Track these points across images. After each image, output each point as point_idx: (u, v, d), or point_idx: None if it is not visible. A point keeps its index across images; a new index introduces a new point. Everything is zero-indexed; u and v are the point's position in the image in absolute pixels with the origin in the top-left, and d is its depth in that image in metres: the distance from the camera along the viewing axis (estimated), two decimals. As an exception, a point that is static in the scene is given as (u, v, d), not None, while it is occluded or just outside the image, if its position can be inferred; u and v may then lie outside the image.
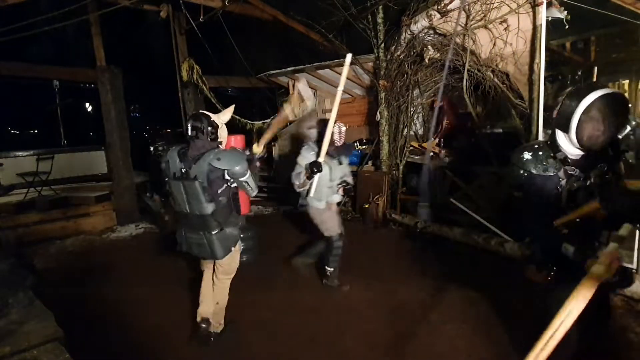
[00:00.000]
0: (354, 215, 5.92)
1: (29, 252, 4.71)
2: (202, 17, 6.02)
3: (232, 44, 6.18)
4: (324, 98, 7.45)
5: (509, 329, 2.69)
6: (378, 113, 5.48)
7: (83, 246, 5.16)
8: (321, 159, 2.98)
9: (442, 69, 4.92)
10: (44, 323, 2.33)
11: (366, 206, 5.44)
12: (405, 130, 5.40)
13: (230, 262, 2.62)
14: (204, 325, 2.67)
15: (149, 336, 2.88)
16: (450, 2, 4.21)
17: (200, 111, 2.53)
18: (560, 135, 1.56)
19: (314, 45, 6.85)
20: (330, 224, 3.41)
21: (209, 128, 2.38)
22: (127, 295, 3.58)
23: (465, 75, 4.30)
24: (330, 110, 7.76)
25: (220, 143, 2.51)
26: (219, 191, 2.40)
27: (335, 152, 3.39)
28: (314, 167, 2.95)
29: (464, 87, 4.35)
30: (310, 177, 3.09)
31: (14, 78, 7.18)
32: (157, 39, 8.99)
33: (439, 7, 4.32)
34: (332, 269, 3.48)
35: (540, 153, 1.59)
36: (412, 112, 5.45)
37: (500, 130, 4.98)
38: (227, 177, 2.38)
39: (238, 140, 4.17)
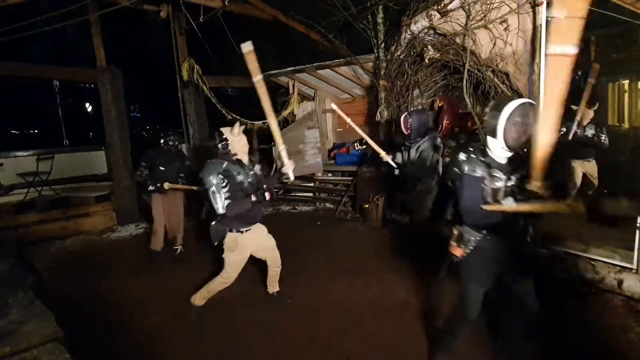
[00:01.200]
0: (354, 215, 5.92)
1: (29, 252, 4.71)
2: (202, 17, 6.03)
3: (232, 44, 6.17)
4: (324, 98, 7.45)
5: (509, 328, 2.68)
6: (378, 113, 5.48)
7: (83, 246, 5.16)
8: None
9: (442, 69, 4.93)
10: (44, 323, 2.33)
11: (366, 206, 5.43)
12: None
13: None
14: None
15: (149, 336, 2.88)
16: (450, 2, 4.21)
17: (219, 129, 2.91)
18: (490, 141, 1.85)
19: (314, 45, 6.85)
20: None
21: (220, 145, 2.80)
22: (127, 295, 3.59)
23: (465, 75, 4.29)
24: (330, 111, 7.77)
25: (235, 155, 2.85)
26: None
27: None
28: None
29: (464, 87, 4.35)
30: None
31: (14, 78, 7.18)
32: (157, 39, 8.99)
33: (439, 7, 4.32)
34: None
35: (473, 156, 1.90)
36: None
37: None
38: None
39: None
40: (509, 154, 1.84)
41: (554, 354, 2.40)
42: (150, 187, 4.10)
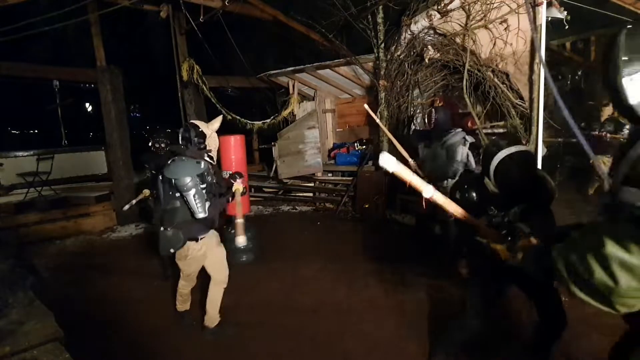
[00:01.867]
0: (354, 215, 5.92)
1: (29, 252, 4.71)
2: (202, 17, 6.02)
3: (232, 44, 6.18)
4: (324, 98, 7.45)
5: (510, 328, 2.69)
6: (378, 113, 5.48)
7: (83, 246, 5.16)
8: None
9: (442, 69, 4.93)
10: (44, 323, 2.33)
11: (366, 206, 5.44)
12: (405, 130, 5.40)
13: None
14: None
15: (149, 336, 2.88)
16: (450, 2, 4.21)
17: (191, 121, 2.59)
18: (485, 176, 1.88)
19: (314, 45, 6.85)
20: None
21: (196, 138, 2.48)
22: (127, 295, 3.59)
23: (465, 75, 4.29)
24: (330, 110, 7.78)
25: (210, 151, 2.62)
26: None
27: None
28: None
29: (464, 87, 4.35)
30: None
31: (14, 78, 7.17)
32: (157, 39, 8.99)
33: (439, 7, 4.32)
34: None
35: (466, 195, 1.95)
36: (412, 112, 5.45)
37: (501, 130, 4.98)
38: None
39: (238, 140, 4.17)
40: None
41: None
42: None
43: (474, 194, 1.93)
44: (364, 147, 6.60)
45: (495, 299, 2.08)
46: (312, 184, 7.06)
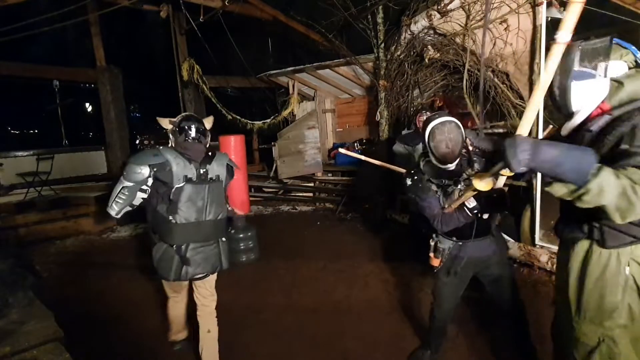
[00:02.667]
0: (354, 215, 5.92)
1: (29, 252, 4.71)
2: (202, 17, 6.03)
3: (232, 44, 6.18)
4: (324, 98, 7.45)
5: (510, 329, 2.69)
6: (378, 113, 5.48)
7: (83, 246, 5.16)
8: None
9: (442, 69, 4.93)
10: (44, 323, 2.33)
11: (366, 206, 5.44)
12: (405, 130, 5.40)
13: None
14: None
15: (149, 336, 2.88)
16: (450, 2, 4.21)
17: (194, 114, 2.44)
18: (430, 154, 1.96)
19: (314, 45, 6.86)
20: None
21: (207, 132, 2.34)
22: (127, 295, 3.58)
23: (465, 75, 4.29)
24: (330, 110, 7.80)
25: None
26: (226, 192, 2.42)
27: None
28: None
29: (464, 87, 4.34)
30: None
31: (14, 78, 7.18)
32: (157, 39, 9.00)
33: (439, 7, 4.31)
34: None
35: (416, 178, 2.01)
36: (412, 112, 5.44)
37: (501, 130, 4.98)
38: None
39: (238, 140, 4.17)
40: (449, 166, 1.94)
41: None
42: None
43: (422, 174, 2.03)
44: (364, 147, 6.60)
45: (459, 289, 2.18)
46: (312, 184, 7.06)
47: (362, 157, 2.90)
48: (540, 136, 3.60)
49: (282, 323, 2.98)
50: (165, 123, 2.33)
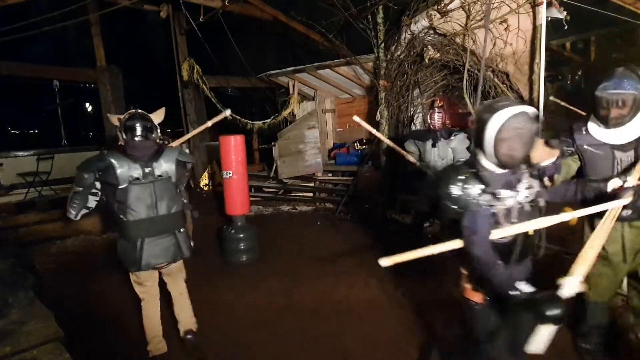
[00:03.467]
0: (354, 215, 5.92)
1: (29, 252, 4.70)
2: (202, 17, 6.02)
3: (232, 44, 6.18)
4: (324, 98, 7.45)
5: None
6: (378, 113, 5.48)
7: (83, 246, 5.16)
8: None
9: (442, 69, 4.93)
10: (44, 323, 2.33)
11: (366, 206, 5.44)
12: (405, 130, 5.40)
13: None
14: (190, 337, 2.68)
15: (149, 336, 2.87)
16: (450, 2, 4.21)
17: (140, 110, 2.45)
18: (481, 155, 1.52)
19: (314, 45, 6.85)
20: None
21: (155, 128, 2.41)
22: (128, 295, 3.57)
23: (465, 75, 4.29)
24: (330, 110, 7.76)
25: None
26: (182, 186, 2.53)
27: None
28: None
29: (464, 87, 4.35)
30: None
31: (14, 78, 7.18)
32: (157, 39, 9.00)
33: (439, 7, 4.32)
34: None
35: (468, 186, 1.51)
36: (412, 112, 5.45)
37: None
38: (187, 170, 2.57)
39: (238, 140, 4.17)
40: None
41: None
42: None
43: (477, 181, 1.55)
44: (364, 147, 6.60)
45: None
46: (312, 184, 7.06)
47: (374, 131, 3.27)
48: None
49: (282, 323, 2.98)
50: (115, 120, 2.45)
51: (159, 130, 2.44)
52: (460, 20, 4.22)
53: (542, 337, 1.32)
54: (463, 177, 1.54)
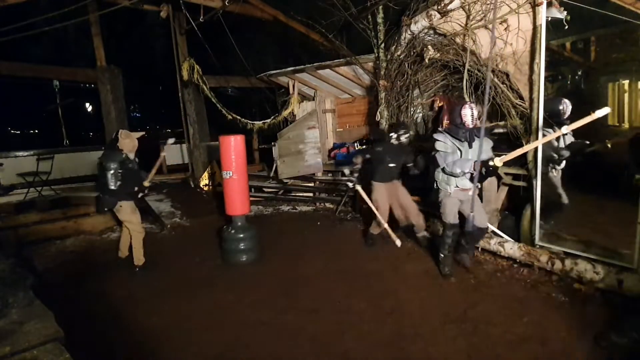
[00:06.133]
0: (354, 215, 5.92)
1: (29, 252, 4.71)
2: (202, 17, 6.02)
3: (232, 44, 6.18)
4: (324, 98, 7.45)
5: (509, 331, 2.69)
6: (378, 113, 5.48)
7: (83, 246, 5.16)
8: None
9: (442, 69, 4.93)
10: (44, 323, 2.33)
11: (366, 206, 5.43)
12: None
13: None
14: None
15: (149, 336, 2.88)
16: (450, 2, 4.21)
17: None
18: None
19: (314, 45, 6.85)
20: (447, 210, 3.51)
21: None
22: (127, 295, 3.59)
23: (465, 75, 4.29)
24: (330, 110, 7.76)
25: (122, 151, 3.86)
26: None
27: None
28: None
29: (464, 87, 4.34)
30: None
31: (14, 78, 7.18)
32: (157, 39, 9.01)
33: (439, 7, 4.31)
34: (441, 255, 3.61)
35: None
36: (412, 112, 5.44)
37: (501, 130, 4.98)
38: None
39: (238, 140, 4.16)
40: None
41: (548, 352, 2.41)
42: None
43: None
44: (364, 147, 6.60)
45: None
46: (312, 184, 7.06)
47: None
48: (540, 138, 3.60)
49: (282, 323, 2.98)
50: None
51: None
52: (460, 20, 4.21)
53: None
54: None
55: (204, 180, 7.74)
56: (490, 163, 3.12)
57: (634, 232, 2.94)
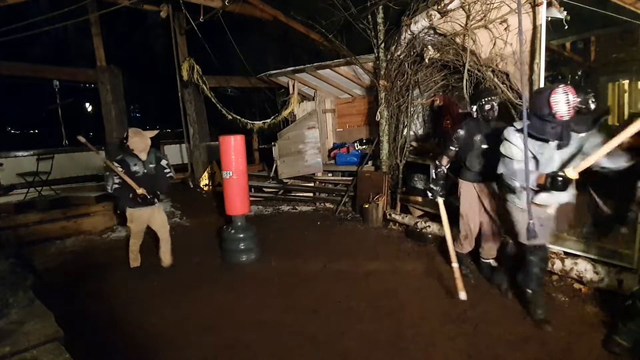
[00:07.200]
0: (354, 215, 5.92)
1: (29, 252, 4.71)
2: (202, 17, 6.03)
3: (232, 44, 6.18)
4: (324, 98, 7.45)
5: (509, 331, 2.69)
6: (378, 113, 5.48)
7: (83, 246, 5.16)
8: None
9: (442, 69, 4.93)
10: (44, 323, 2.33)
11: (366, 206, 5.43)
12: (406, 130, 5.40)
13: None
14: None
15: (149, 336, 2.88)
16: (450, 2, 4.21)
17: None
18: None
19: (314, 45, 6.86)
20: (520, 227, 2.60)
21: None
22: (127, 295, 3.59)
23: (465, 75, 4.29)
24: (330, 110, 7.75)
25: (132, 150, 3.80)
26: None
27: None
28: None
29: (464, 87, 4.34)
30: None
31: (14, 78, 7.18)
32: (157, 39, 9.01)
33: (439, 7, 4.31)
34: (528, 292, 2.72)
35: None
36: (412, 112, 5.44)
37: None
38: None
39: (238, 140, 4.17)
40: None
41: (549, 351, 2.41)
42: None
43: None
44: (364, 147, 6.60)
45: None
46: (312, 184, 7.06)
47: None
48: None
49: (282, 323, 2.98)
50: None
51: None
52: (460, 20, 4.21)
53: None
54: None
55: (204, 180, 7.75)
56: (561, 173, 2.23)
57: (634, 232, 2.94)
